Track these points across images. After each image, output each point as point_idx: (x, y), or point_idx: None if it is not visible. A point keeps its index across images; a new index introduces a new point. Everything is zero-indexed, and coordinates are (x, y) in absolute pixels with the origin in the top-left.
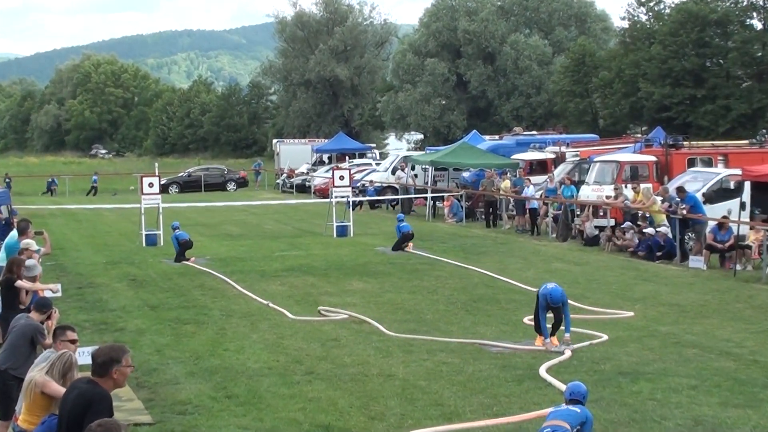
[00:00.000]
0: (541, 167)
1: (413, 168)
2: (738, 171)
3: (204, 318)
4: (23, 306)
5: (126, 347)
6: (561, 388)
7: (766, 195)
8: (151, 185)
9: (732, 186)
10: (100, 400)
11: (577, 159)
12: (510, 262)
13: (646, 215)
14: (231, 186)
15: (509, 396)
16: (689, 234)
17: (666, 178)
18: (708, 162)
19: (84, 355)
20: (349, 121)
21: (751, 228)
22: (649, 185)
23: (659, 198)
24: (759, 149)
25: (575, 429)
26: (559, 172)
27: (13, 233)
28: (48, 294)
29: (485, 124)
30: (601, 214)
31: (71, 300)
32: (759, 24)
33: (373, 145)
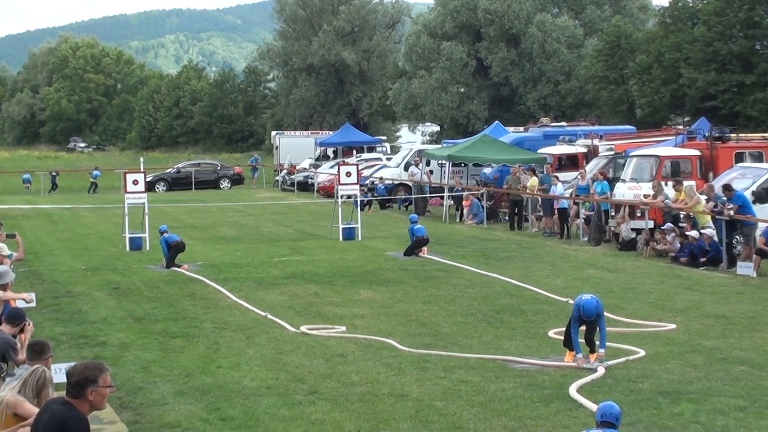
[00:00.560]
0: (572, 162)
1: (428, 163)
2: None
3: (195, 331)
4: None
5: (104, 365)
6: (593, 409)
7: None
8: (136, 182)
9: None
10: (76, 424)
11: (612, 153)
12: (537, 268)
13: (689, 216)
14: (225, 183)
15: (535, 418)
16: (737, 237)
17: (711, 174)
18: (758, 157)
19: (59, 373)
20: (357, 111)
21: None
22: (692, 183)
23: (703, 197)
24: None
25: None
26: (592, 167)
27: None
28: (21, 304)
29: (509, 114)
30: (639, 215)
31: (47, 311)
32: None
33: (384, 138)
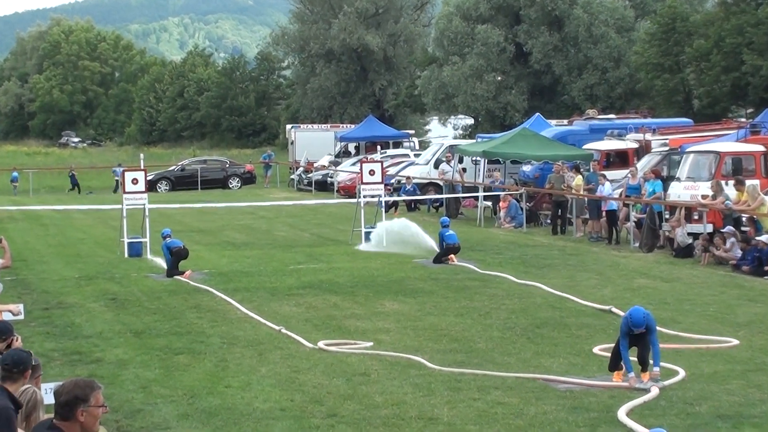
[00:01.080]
0: (621, 159)
1: (461, 160)
2: None
3: (201, 347)
4: None
5: (95, 382)
6: None
7: None
8: (135, 182)
9: None
10: None
11: (666, 149)
12: (582, 277)
13: (752, 219)
14: (234, 183)
15: None
16: None
17: None
18: None
19: (48, 393)
20: (382, 102)
21: None
22: (756, 182)
23: None
24: None
25: None
26: (644, 165)
27: None
28: (7, 317)
29: (551, 105)
30: (696, 217)
31: (36, 324)
32: None
33: (411, 132)
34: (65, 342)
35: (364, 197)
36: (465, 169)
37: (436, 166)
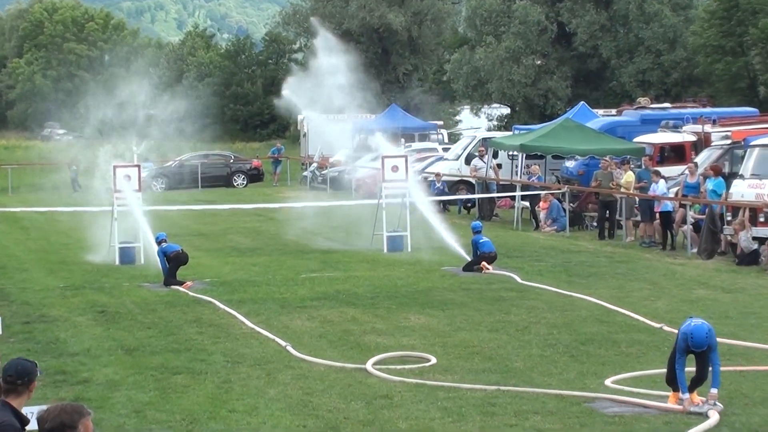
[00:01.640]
0: (677, 154)
1: (496, 155)
2: None
3: (201, 366)
4: None
5: (84, 408)
6: None
7: None
8: (128, 178)
9: None
10: None
11: (728, 143)
12: (633, 287)
13: None
14: (239, 180)
15: None
16: None
17: None
18: None
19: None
20: (406, 89)
21: None
22: None
23: None
24: None
25: None
26: (703, 160)
27: None
28: None
29: (597, 93)
30: (762, 220)
31: (15, 339)
32: None
33: (440, 123)
34: (48, 360)
35: (386, 196)
36: (500, 165)
37: (467, 161)
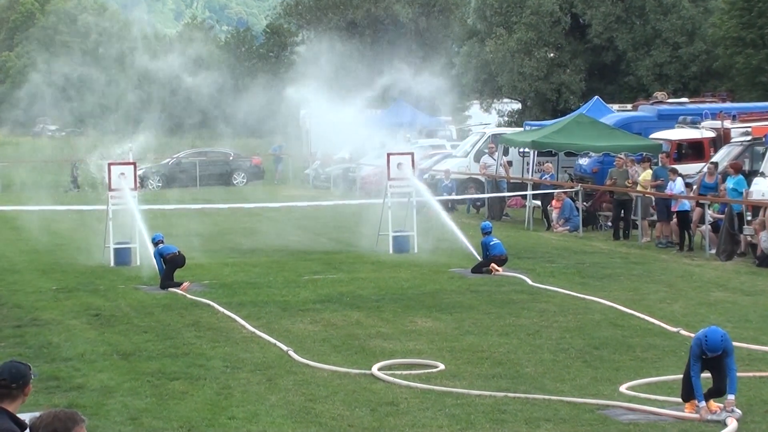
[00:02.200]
0: (695, 151)
1: (506, 152)
2: None
3: (200, 371)
4: None
5: (78, 415)
6: None
7: None
8: (123, 176)
9: None
10: None
11: (748, 139)
12: (648, 289)
13: None
14: (239, 178)
15: None
16: None
17: None
18: None
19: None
20: (413, 83)
21: None
22: None
23: None
24: None
25: None
26: (722, 157)
27: None
28: None
29: (612, 87)
30: None
31: (7, 344)
32: None
33: (448, 119)
34: (41, 365)
35: (391, 195)
36: (511, 163)
37: (476, 158)
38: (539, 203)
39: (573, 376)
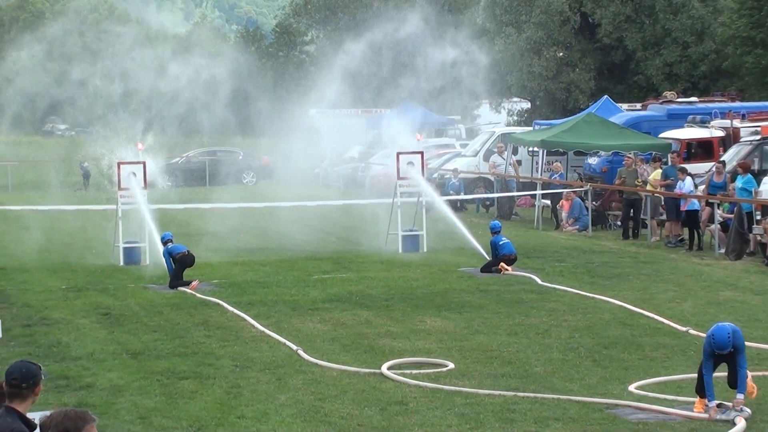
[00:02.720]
0: (704, 150)
1: (515, 151)
2: None
3: (209, 370)
4: None
5: (88, 414)
6: None
7: None
8: (134, 176)
9: None
10: None
11: (758, 138)
12: (658, 289)
13: None
14: (249, 177)
15: None
16: None
17: None
18: None
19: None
20: (422, 82)
21: None
22: None
23: None
24: None
25: None
26: (731, 157)
27: None
28: None
29: (622, 86)
30: None
31: (16, 343)
32: None
33: (457, 118)
34: (50, 364)
35: (401, 195)
36: (520, 162)
37: (486, 158)
38: (548, 202)
39: (582, 375)
